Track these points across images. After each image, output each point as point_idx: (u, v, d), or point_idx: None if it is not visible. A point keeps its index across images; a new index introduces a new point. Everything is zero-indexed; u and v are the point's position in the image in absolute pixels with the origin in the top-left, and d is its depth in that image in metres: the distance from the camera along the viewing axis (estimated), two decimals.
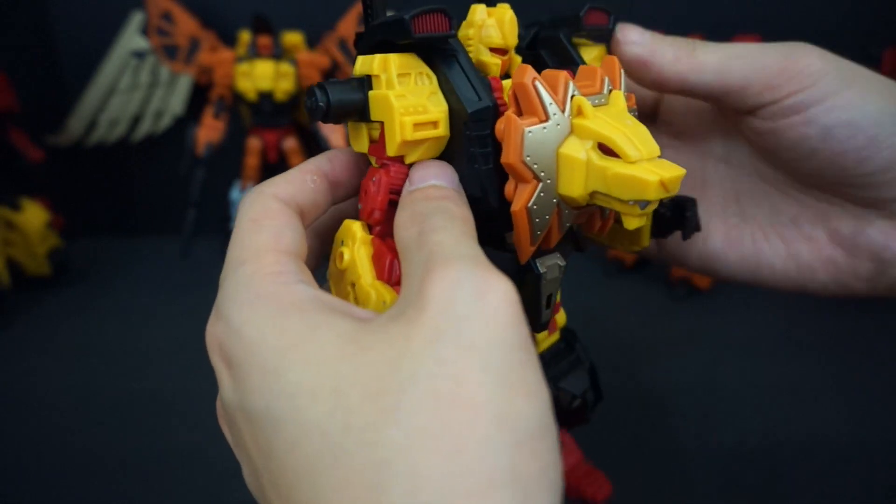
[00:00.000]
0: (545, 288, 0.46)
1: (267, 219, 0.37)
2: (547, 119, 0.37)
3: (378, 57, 0.40)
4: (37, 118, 1.28)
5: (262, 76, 1.19)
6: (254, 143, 1.25)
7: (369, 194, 0.42)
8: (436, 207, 0.35)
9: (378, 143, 0.41)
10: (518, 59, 0.45)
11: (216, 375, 0.33)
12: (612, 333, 0.66)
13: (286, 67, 1.21)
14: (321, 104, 0.40)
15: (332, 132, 1.25)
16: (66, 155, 1.35)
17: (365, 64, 0.41)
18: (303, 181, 0.41)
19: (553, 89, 0.37)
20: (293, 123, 1.27)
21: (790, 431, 0.74)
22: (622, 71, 0.41)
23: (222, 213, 1.29)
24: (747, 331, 0.99)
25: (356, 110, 0.41)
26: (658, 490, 0.66)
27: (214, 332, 0.33)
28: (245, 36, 1.24)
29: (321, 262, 0.47)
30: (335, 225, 0.43)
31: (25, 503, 0.67)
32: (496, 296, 0.28)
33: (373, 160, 0.43)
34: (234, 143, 1.26)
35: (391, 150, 0.40)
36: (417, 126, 0.39)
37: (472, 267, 0.29)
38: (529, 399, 0.26)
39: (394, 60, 0.40)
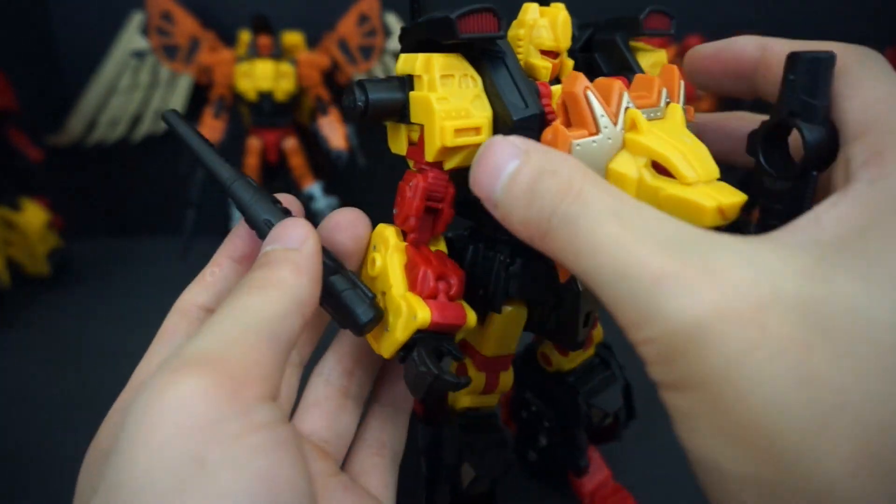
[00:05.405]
0: (584, 306, 0.44)
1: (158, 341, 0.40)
2: (597, 132, 0.34)
3: (421, 56, 0.38)
4: (37, 118, 1.28)
5: (262, 76, 1.19)
6: (254, 143, 1.25)
7: (405, 199, 0.40)
8: (247, 281, 0.34)
9: (417, 147, 0.39)
10: (570, 62, 0.43)
11: None
12: (612, 332, 0.66)
13: (286, 67, 1.21)
14: (359, 103, 0.38)
15: (333, 132, 1.25)
16: (66, 155, 1.35)
17: (407, 63, 0.39)
18: (201, 280, 0.41)
19: (606, 100, 0.35)
20: (293, 123, 1.27)
21: None
22: (682, 82, 0.38)
23: (222, 213, 1.29)
24: None
25: (396, 111, 0.39)
26: (660, 489, 0.66)
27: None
28: (245, 36, 1.24)
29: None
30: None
31: (25, 503, 0.67)
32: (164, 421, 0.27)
33: (411, 163, 0.41)
34: (234, 143, 1.26)
35: (430, 156, 0.38)
36: (459, 132, 0.36)
37: (158, 387, 0.28)
38: None
39: (437, 61, 0.37)
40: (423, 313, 0.37)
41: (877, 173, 0.27)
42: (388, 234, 0.41)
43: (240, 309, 0.32)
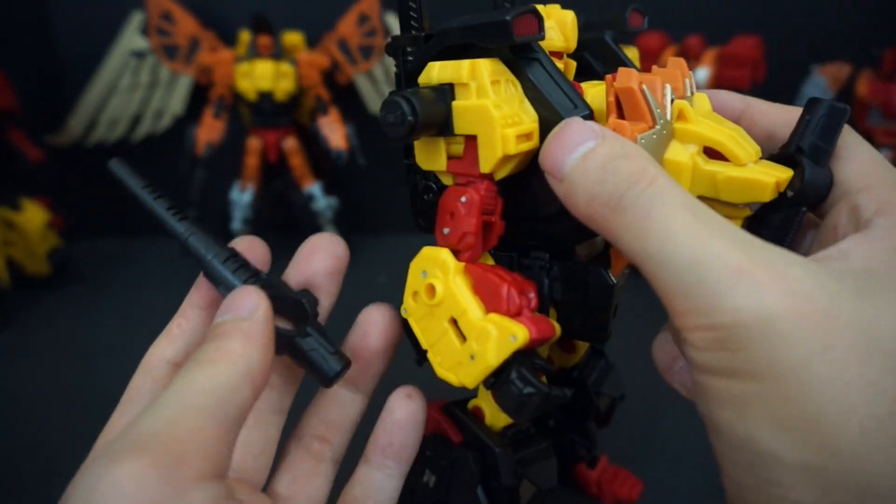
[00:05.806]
0: (615, 298, 0.42)
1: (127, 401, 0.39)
2: (654, 124, 0.34)
3: (466, 63, 0.35)
4: (37, 118, 1.28)
5: (261, 76, 1.19)
6: (254, 143, 1.25)
7: (458, 217, 0.37)
8: (196, 355, 0.33)
9: (463, 159, 0.37)
10: (573, 63, 0.42)
11: None
12: (616, 333, 0.66)
13: (286, 67, 1.21)
14: (409, 118, 0.34)
15: (333, 132, 1.25)
16: (66, 155, 1.35)
17: (446, 71, 0.36)
18: (168, 333, 0.40)
19: (652, 93, 0.35)
20: (293, 123, 1.27)
21: None
22: (692, 74, 0.39)
23: (222, 213, 1.29)
24: None
25: (439, 124, 0.36)
26: (665, 489, 0.66)
27: None
28: (245, 36, 1.24)
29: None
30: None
31: (25, 503, 0.67)
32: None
33: (449, 178, 0.39)
34: (234, 143, 1.26)
35: (487, 166, 0.36)
36: (518, 138, 0.35)
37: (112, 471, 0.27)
38: None
39: (485, 66, 0.35)
40: (521, 332, 0.35)
41: (891, 220, 0.31)
42: (444, 256, 0.38)
43: (186, 386, 0.31)
